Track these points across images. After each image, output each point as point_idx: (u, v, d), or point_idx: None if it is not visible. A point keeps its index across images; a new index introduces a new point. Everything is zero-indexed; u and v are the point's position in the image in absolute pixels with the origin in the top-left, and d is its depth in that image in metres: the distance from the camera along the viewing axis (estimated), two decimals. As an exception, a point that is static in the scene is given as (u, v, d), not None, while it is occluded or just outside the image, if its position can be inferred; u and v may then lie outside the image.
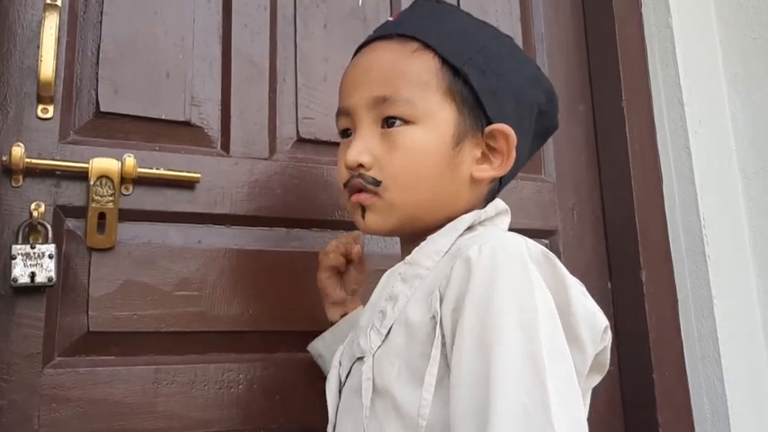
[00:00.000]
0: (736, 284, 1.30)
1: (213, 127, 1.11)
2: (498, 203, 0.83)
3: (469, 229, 0.79)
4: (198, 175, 1.04)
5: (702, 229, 1.29)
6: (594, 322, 0.69)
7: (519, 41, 1.38)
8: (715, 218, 1.31)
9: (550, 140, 1.36)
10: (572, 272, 1.26)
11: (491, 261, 0.67)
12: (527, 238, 0.72)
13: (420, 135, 0.77)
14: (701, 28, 1.42)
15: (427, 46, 0.79)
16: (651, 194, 1.34)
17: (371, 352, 0.75)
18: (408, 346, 0.71)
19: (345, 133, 0.84)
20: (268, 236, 1.10)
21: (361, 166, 0.78)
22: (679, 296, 1.30)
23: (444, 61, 0.78)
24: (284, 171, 1.12)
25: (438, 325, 0.69)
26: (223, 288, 1.05)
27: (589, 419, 0.82)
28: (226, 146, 1.10)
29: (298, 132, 1.15)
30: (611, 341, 0.72)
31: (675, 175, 1.35)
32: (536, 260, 0.68)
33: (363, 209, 0.79)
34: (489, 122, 0.79)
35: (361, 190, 0.79)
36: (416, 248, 0.78)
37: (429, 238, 0.78)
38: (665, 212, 1.34)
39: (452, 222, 0.78)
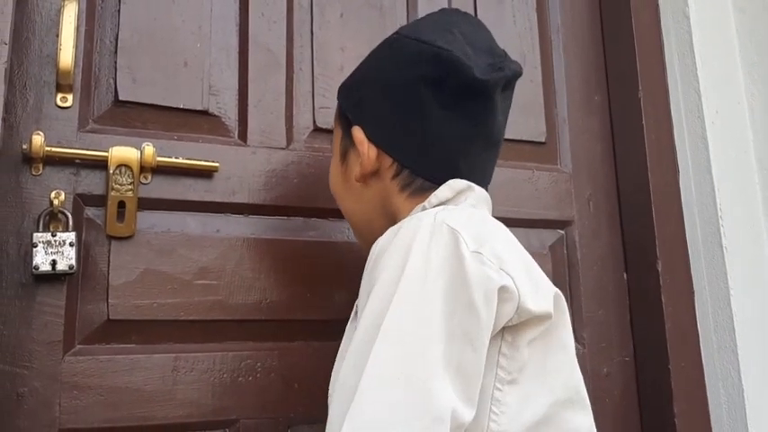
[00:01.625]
0: (752, 275, 1.29)
1: (231, 116, 1.11)
2: (455, 183, 0.82)
3: None
4: (216, 165, 1.04)
5: (719, 219, 1.29)
6: (488, 285, 0.67)
7: (534, 32, 1.38)
8: (732, 209, 1.30)
9: (566, 131, 1.37)
10: (587, 262, 1.30)
11: (386, 241, 0.72)
12: (452, 212, 0.73)
13: (331, 163, 0.96)
14: (718, 18, 1.42)
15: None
16: (667, 185, 1.33)
17: (342, 353, 0.79)
18: None
19: None
20: (285, 225, 1.10)
21: None
22: (696, 287, 1.30)
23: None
24: (301, 160, 1.12)
25: (351, 316, 0.79)
26: (241, 277, 1.05)
27: (604, 407, 0.82)
28: (243, 135, 1.10)
29: (314, 122, 1.15)
30: (525, 298, 0.69)
31: (692, 166, 1.34)
32: (439, 232, 0.69)
33: None
34: None
35: None
36: None
37: None
38: (681, 203, 1.33)
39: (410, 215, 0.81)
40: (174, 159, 1.02)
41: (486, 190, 0.87)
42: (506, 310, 0.68)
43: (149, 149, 0.99)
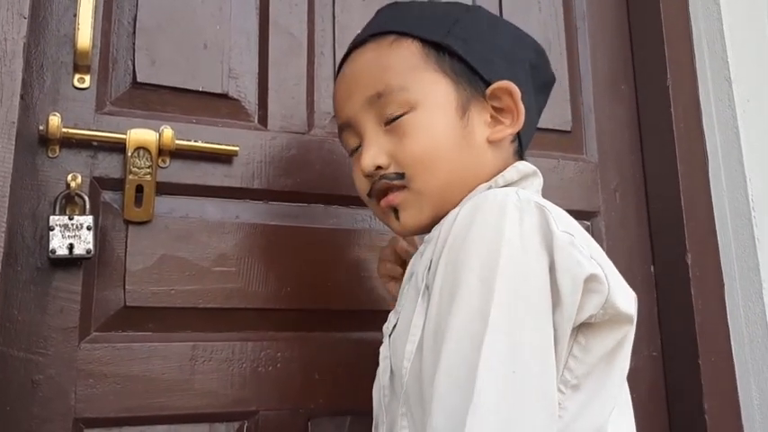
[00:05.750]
0: (785, 268, 1.25)
1: (251, 100, 1.08)
2: (521, 166, 0.79)
3: None
4: (236, 149, 1.02)
5: (751, 211, 1.25)
6: (577, 271, 0.63)
7: (560, 19, 1.35)
8: (764, 199, 1.26)
9: (592, 120, 1.34)
10: (613, 254, 1.25)
11: (467, 217, 0.65)
12: (527, 192, 0.69)
13: (425, 116, 0.76)
14: (749, 3, 1.38)
15: (403, 34, 0.80)
16: (697, 175, 1.29)
17: (387, 333, 0.77)
18: None
19: (355, 150, 0.83)
20: (306, 212, 1.07)
21: (379, 168, 0.78)
22: (726, 280, 1.26)
23: (424, 41, 0.79)
24: (322, 146, 1.09)
25: (422, 292, 0.69)
26: (261, 265, 1.02)
27: (633, 401, 0.79)
28: (263, 120, 1.08)
29: (336, 107, 1.12)
30: (614, 293, 0.65)
31: (722, 156, 1.30)
32: (527, 210, 0.65)
33: (396, 211, 0.79)
34: (488, 85, 0.79)
35: (387, 192, 0.78)
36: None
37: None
38: (710, 194, 1.29)
39: (470, 194, 0.76)
40: (193, 143, 0.99)
41: None
42: (592, 302, 0.64)
43: (168, 132, 0.97)
